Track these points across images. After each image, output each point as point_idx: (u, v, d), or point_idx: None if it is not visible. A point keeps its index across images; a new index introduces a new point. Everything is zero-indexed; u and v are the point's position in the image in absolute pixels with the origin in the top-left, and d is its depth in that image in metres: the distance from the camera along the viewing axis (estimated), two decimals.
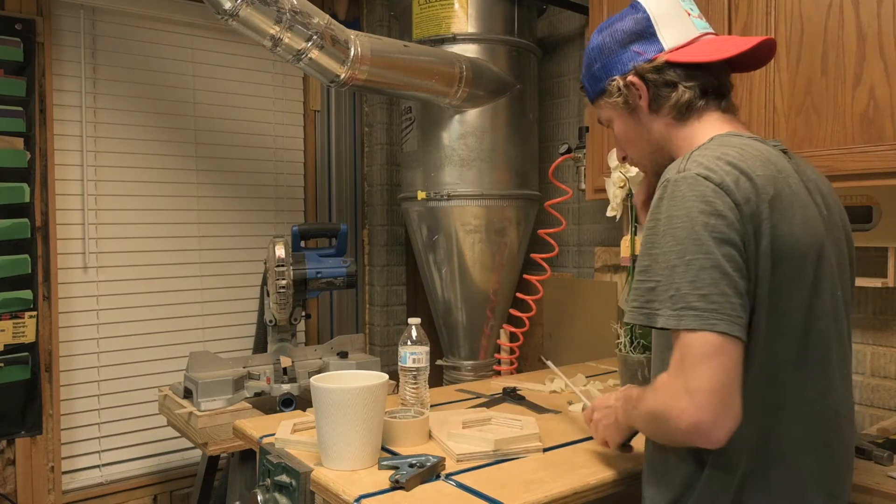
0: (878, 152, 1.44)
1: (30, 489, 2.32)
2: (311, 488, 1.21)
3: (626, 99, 1.15)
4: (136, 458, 2.55)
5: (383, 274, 3.02)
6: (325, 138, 3.01)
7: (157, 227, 2.59)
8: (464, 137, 2.32)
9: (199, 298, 2.69)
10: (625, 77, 1.14)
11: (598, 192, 2.12)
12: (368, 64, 1.99)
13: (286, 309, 2.19)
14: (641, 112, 1.16)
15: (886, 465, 1.40)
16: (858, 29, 1.47)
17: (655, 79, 1.12)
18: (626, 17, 1.16)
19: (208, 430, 1.92)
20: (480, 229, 2.34)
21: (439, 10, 2.33)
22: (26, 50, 2.27)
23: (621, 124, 1.20)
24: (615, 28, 1.17)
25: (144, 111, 2.57)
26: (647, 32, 1.14)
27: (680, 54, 1.12)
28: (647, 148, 1.19)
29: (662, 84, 1.12)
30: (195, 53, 2.67)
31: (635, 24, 1.15)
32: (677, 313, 0.91)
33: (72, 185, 2.42)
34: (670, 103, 1.13)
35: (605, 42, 1.17)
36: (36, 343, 2.29)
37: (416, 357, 1.43)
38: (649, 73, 1.13)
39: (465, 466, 1.25)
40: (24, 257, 2.27)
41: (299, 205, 2.96)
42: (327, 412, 1.22)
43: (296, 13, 1.82)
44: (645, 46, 1.14)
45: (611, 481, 1.22)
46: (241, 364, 2.21)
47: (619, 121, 1.20)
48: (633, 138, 1.20)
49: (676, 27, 1.14)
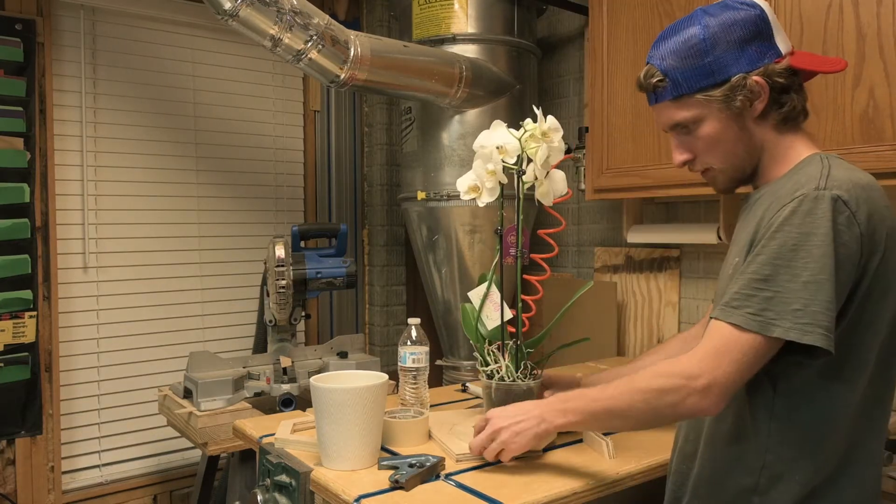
0: (878, 152, 1.45)
1: (30, 489, 2.32)
2: (310, 488, 1.21)
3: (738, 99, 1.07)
4: (136, 458, 2.55)
5: (383, 274, 3.02)
6: (325, 138, 3.01)
7: (157, 227, 2.59)
8: (464, 138, 2.32)
9: (199, 298, 2.69)
10: (748, 76, 1.07)
11: (597, 193, 2.12)
12: (368, 64, 1.99)
13: (286, 309, 2.19)
14: (747, 115, 1.09)
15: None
16: (858, 29, 1.47)
17: (781, 83, 1.07)
18: (740, 11, 1.08)
19: (208, 430, 1.92)
20: (480, 229, 2.34)
21: (439, 11, 2.33)
22: (26, 50, 2.27)
23: (716, 125, 1.10)
24: (730, 21, 1.07)
25: (144, 111, 2.57)
26: (765, 33, 1.08)
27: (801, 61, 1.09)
28: (741, 153, 1.12)
29: (781, 89, 1.08)
30: (195, 53, 2.67)
31: (754, 23, 1.07)
32: (802, 327, 0.94)
33: (72, 185, 2.42)
34: (784, 110, 1.09)
35: (720, 35, 1.07)
36: (36, 343, 2.29)
37: (416, 357, 1.43)
38: (777, 76, 1.07)
39: (464, 466, 1.25)
40: (24, 257, 2.27)
41: (299, 205, 2.96)
42: (327, 412, 1.22)
43: (296, 13, 1.82)
44: (763, 48, 1.07)
45: (611, 481, 1.22)
46: (240, 364, 2.21)
47: (715, 121, 1.10)
48: (727, 141, 1.11)
49: (782, 34, 1.11)
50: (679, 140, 1.16)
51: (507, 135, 1.32)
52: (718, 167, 1.15)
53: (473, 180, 1.36)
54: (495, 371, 1.35)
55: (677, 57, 1.10)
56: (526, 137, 1.30)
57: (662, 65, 1.11)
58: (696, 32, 1.08)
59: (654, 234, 2.24)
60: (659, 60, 1.12)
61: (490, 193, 1.35)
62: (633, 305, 2.35)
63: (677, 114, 1.13)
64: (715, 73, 1.08)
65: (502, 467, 1.25)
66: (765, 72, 1.07)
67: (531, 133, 1.30)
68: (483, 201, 1.36)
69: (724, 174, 1.16)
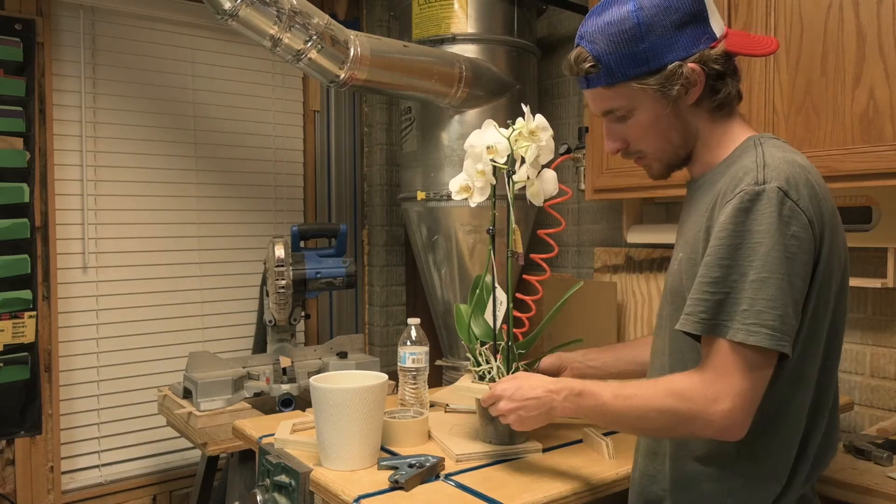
0: (878, 153, 1.45)
1: (29, 489, 2.31)
2: (310, 488, 1.21)
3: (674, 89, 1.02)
4: (136, 458, 2.54)
5: (383, 274, 3.02)
6: (325, 138, 3.01)
7: (157, 227, 2.59)
8: (463, 138, 2.30)
9: (199, 298, 2.69)
10: (683, 62, 1.02)
11: (597, 193, 2.12)
12: (368, 64, 1.99)
13: (286, 309, 2.19)
14: (682, 103, 1.05)
15: (886, 465, 1.40)
16: (858, 29, 1.47)
17: (717, 69, 1.03)
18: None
19: (208, 430, 1.92)
20: (480, 230, 2.34)
21: (439, 11, 2.33)
22: (26, 50, 2.27)
23: (649, 114, 1.06)
24: (667, 3, 1.02)
25: (144, 111, 2.56)
26: (700, 16, 1.03)
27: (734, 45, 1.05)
28: (676, 141, 1.09)
29: (717, 76, 1.04)
30: (195, 53, 2.67)
31: (689, 5, 1.02)
32: (747, 328, 0.92)
33: (71, 185, 2.41)
34: (720, 97, 1.06)
35: (655, 20, 1.01)
36: (35, 343, 2.29)
37: (416, 357, 1.43)
38: (713, 62, 1.03)
39: (464, 466, 1.25)
40: (24, 257, 2.27)
41: (299, 205, 2.96)
42: (327, 412, 1.22)
43: (295, 13, 1.82)
44: (698, 32, 1.03)
45: (611, 481, 1.22)
46: (240, 364, 2.21)
47: (647, 110, 1.06)
48: (661, 129, 1.08)
49: (717, 15, 1.06)
50: (611, 128, 1.12)
51: (497, 134, 1.31)
52: (653, 155, 1.11)
53: (465, 180, 1.36)
54: (486, 372, 1.34)
55: (610, 41, 1.03)
56: (515, 137, 1.30)
57: (594, 49, 1.05)
58: (628, 14, 1.02)
59: (654, 234, 2.24)
60: (589, 43, 1.05)
61: (481, 193, 1.34)
62: (633, 305, 2.34)
63: (610, 101, 1.08)
64: (650, 60, 1.02)
65: (502, 467, 1.25)
66: (700, 58, 1.02)
67: (519, 132, 1.30)
68: (474, 201, 1.35)
69: (659, 162, 1.12)
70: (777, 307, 0.91)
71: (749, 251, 0.93)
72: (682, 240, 1.11)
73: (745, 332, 0.92)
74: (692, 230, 1.06)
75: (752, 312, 0.92)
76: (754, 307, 0.92)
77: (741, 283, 0.93)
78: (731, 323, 0.93)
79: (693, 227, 1.07)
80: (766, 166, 0.97)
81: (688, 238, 1.07)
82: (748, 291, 0.92)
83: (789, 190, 0.94)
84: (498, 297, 1.37)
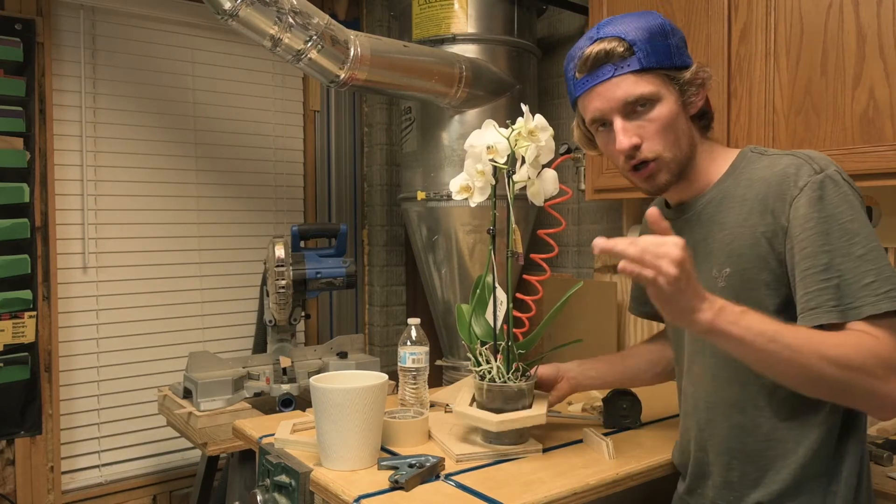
0: (878, 152, 1.45)
1: (29, 489, 2.32)
2: (310, 488, 1.21)
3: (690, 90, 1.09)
4: (136, 458, 2.54)
5: (383, 274, 3.02)
6: (325, 138, 3.01)
7: (157, 227, 2.59)
8: (463, 138, 2.30)
9: (199, 298, 2.69)
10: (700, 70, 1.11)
11: (597, 193, 2.12)
12: (368, 64, 1.99)
13: (286, 309, 2.19)
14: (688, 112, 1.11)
15: (886, 465, 1.40)
16: (858, 29, 1.47)
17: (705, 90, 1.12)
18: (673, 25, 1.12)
19: (208, 431, 1.92)
20: (480, 230, 2.34)
21: (439, 11, 2.33)
22: (26, 50, 2.27)
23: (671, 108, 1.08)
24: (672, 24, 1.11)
25: (144, 111, 2.57)
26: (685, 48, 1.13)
27: None
28: (684, 149, 1.11)
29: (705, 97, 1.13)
30: (195, 53, 2.67)
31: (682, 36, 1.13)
32: (887, 295, 0.93)
33: (71, 185, 2.42)
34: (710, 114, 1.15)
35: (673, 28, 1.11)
36: (35, 343, 2.29)
37: (416, 357, 1.43)
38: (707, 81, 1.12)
39: (464, 466, 1.25)
40: (24, 257, 2.27)
41: (299, 205, 2.96)
42: (327, 412, 1.22)
43: (295, 13, 1.82)
44: None
45: (611, 482, 1.22)
46: (240, 364, 2.21)
47: (670, 103, 1.08)
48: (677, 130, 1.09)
49: None
50: (626, 125, 1.08)
51: (497, 134, 1.31)
52: (668, 156, 1.08)
53: (465, 180, 1.36)
54: (487, 372, 1.34)
55: (643, 31, 1.06)
56: (515, 137, 1.30)
57: (628, 35, 1.06)
58: (653, 19, 1.09)
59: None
60: (622, 32, 1.07)
61: (481, 193, 1.34)
62: None
63: (637, 87, 1.06)
64: (676, 56, 1.08)
65: (502, 467, 1.25)
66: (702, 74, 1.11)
67: (519, 132, 1.30)
68: (475, 201, 1.35)
69: (667, 168, 1.09)
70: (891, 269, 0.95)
71: (843, 231, 0.96)
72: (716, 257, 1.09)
73: (888, 300, 0.93)
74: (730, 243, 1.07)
75: (881, 281, 0.94)
76: (883, 274, 0.94)
77: (849, 262, 0.95)
78: (864, 300, 0.94)
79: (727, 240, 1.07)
80: (811, 159, 1.02)
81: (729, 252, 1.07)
82: (867, 265, 0.94)
83: (842, 172, 1.01)
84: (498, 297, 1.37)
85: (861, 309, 0.94)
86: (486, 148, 1.30)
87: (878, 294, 0.93)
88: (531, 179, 1.32)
